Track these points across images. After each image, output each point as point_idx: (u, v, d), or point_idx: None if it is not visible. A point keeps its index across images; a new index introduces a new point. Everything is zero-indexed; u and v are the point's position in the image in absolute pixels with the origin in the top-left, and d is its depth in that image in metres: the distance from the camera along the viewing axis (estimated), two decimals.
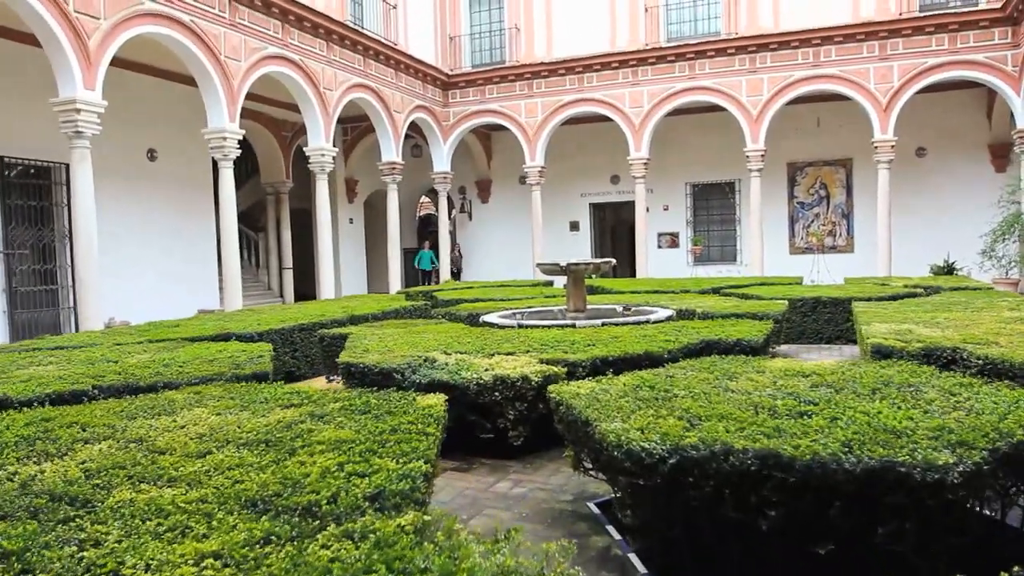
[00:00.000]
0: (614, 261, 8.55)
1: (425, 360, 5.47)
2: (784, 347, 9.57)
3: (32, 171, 11.84)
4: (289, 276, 18.46)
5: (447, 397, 5.01)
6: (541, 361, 5.32)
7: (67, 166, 12.34)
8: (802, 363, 4.71)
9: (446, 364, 5.35)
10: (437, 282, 20.24)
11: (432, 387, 5.01)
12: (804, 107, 18.07)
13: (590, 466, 3.95)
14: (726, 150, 19.14)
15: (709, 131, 19.53)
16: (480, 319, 8.49)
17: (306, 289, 17.83)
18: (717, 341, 6.00)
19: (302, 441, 3.17)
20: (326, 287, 14.39)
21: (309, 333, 8.58)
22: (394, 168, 17.12)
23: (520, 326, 7.71)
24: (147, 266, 13.92)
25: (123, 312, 12.95)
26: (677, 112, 18.15)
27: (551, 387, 4.24)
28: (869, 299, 9.43)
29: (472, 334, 6.82)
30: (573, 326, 7.47)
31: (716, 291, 11.46)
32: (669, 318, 8.04)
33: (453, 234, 24.43)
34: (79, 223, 9.47)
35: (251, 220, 19.40)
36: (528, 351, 5.74)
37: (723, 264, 20.14)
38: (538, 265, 8.58)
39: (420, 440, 3.07)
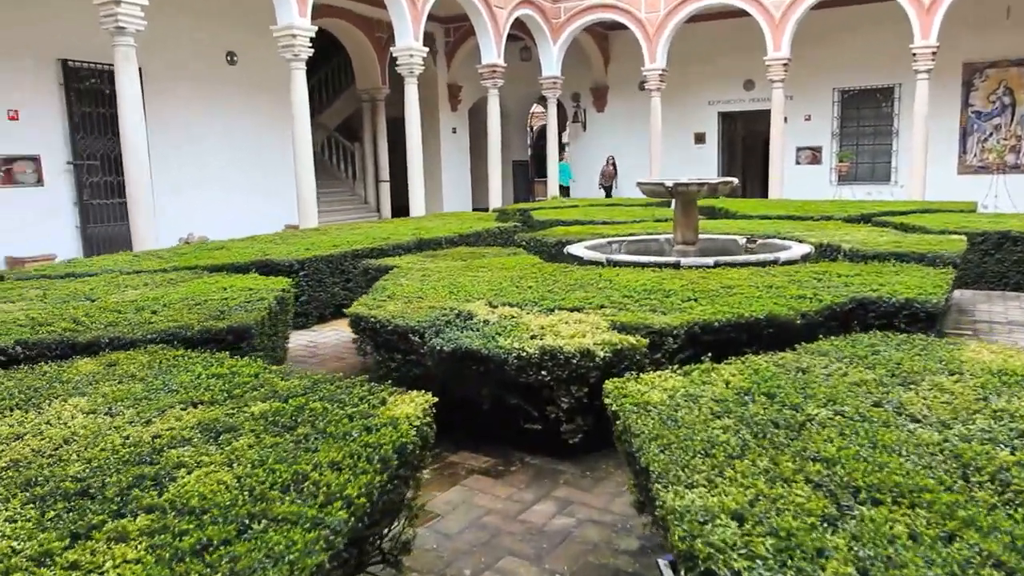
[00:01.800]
0: (735, 181, 6.73)
1: (459, 315, 4.05)
2: (955, 294, 7.49)
3: (100, 76, 11.05)
4: (386, 189, 17.40)
5: (479, 368, 3.63)
6: (615, 326, 3.77)
7: (140, 68, 11.52)
8: None
9: (485, 323, 3.92)
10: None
11: (457, 357, 3.62)
12: None
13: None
14: (884, 49, 16.19)
15: (864, 26, 16.56)
16: (565, 250, 6.96)
17: (405, 203, 16.70)
18: (875, 301, 4.23)
19: (133, 498, 1.85)
20: (416, 202, 13.19)
21: (366, 258, 7.34)
22: (495, 71, 15.43)
23: (609, 263, 6.14)
24: (231, 178, 13.14)
25: (205, 227, 12.27)
26: (826, 4, 15.32)
27: (608, 384, 2.73)
28: None
29: (542, 273, 5.32)
30: (677, 265, 5.82)
31: (867, 219, 9.34)
32: (805, 257, 6.21)
33: (567, 146, 22.63)
34: (126, 133, 8.53)
35: (351, 130, 18.38)
36: (603, 306, 4.20)
37: (873, 184, 17.40)
38: (639, 185, 6.90)
39: (313, 528, 1.67)
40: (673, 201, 6.81)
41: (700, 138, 19.54)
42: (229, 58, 13.15)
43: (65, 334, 3.77)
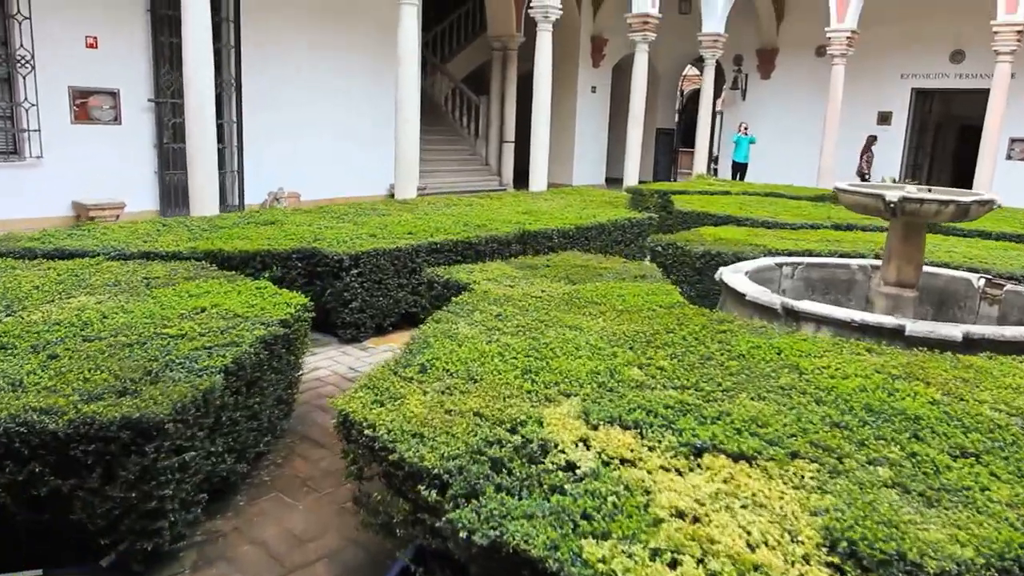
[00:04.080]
0: (997, 200, 4.41)
1: (524, 444, 2.20)
2: None
3: None
4: (510, 151, 15.55)
5: None
6: (832, 542, 1.79)
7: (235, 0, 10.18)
8: None
9: (569, 469, 2.09)
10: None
11: (499, 560, 1.79)
12: None
13: None
14: None
15: None
16: (720, 276, 4.91)
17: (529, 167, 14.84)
18: None
19: None
20: (536, 173, 11.30)
21: (448, 256, 5.61)
22: (646, 23, 13.15)
23: (785, 311, 4.08)
24: (333, 130, 11.71)
25: (299, 183, 10.92)
26: None
27: None
28: None
29: (683, 333, 3.34)
30: (900, 332, 3.70)
31: None
32: None
33: (722, 114, 19.94)
34: (189, 73, 7.11)
35: (479, 82, 16.61)
36: (795, 454, 2.22)
37: None
38: (839, 191, 4.70)
39: None
40: (893, 222, 4.57)
41: (884, 118, 16.41)
42: None
43: None
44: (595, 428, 2.34)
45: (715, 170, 18.84)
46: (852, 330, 3.83)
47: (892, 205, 4.22)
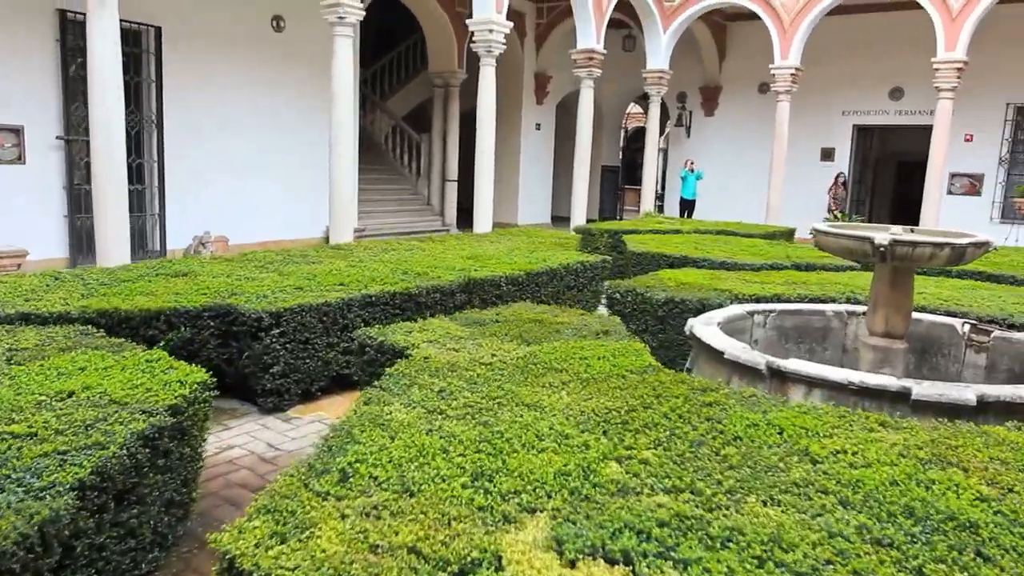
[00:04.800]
0: (993, 243, 4.05)
1: None
2: None
3: None
4: (453, 190, 15.02)
5: None
6: None
7: (159, 29, 9.51)
8: None
9: None
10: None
11: None
12: None
13: None
14: None
15: None
16: (690, 329, 4.40)
17: (473, 206, 14.32)
18: None
19: None
20: (481, 213, 10.76)
21: (384, 310, 5.00)
22: (591, 59, 12.87)
23: (771, 372, 3.58)
24: (266, 169, 11.02)
25: (229, 226, 10.18)
26: None
27: None
28: None
29: (663, 411, 2.80)
30: (904, 397, 3.23)
31: None
32: None
33: (666, 151, 19.87)
34: (95, 107, 6.39)
35: (421, 120, 16.14)
36: None
37: None
38: (817, 233, 4.26)
39: None
40: (880, 266, 4.14)
41: (828, 154, 16.45)
42: (275, 23, 10.97)
43: None
44: (572, 565, 1.75)
45: (660, 207, 18.68)
46: (850, 393, 3.35)
47: (882, 249, 3.78)
